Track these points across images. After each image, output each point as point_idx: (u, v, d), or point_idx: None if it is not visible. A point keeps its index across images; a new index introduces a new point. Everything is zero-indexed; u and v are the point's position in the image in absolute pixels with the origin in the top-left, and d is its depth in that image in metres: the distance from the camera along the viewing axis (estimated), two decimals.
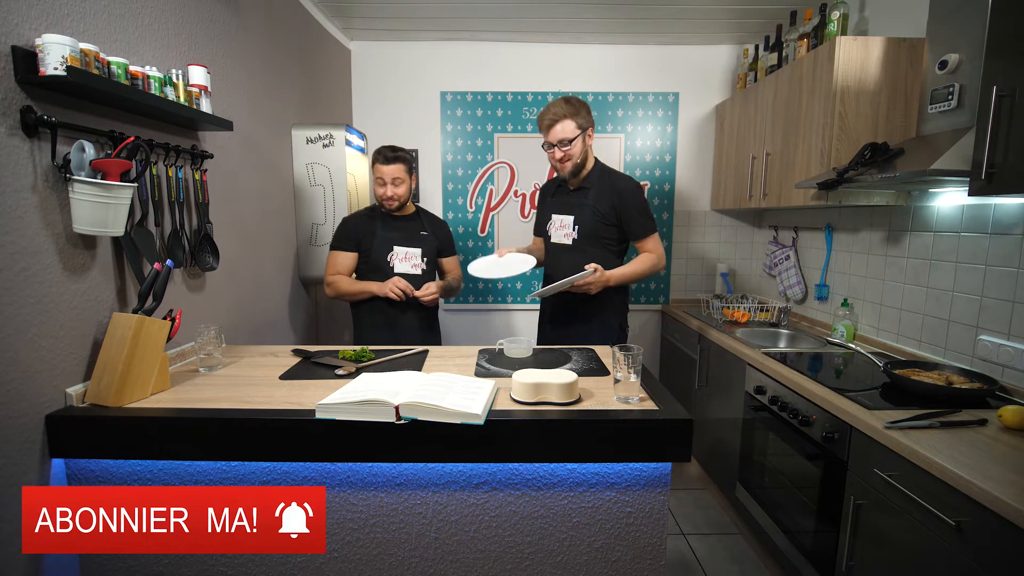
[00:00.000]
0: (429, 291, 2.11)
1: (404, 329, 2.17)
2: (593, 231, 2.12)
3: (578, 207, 2.13)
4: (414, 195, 2.36)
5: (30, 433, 1.18)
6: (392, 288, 2.06)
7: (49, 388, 1.22)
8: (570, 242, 2.15)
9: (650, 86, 3.30)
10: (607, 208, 2.09)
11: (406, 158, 2.13)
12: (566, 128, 2.03)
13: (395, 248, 2.18)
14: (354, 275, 2.21)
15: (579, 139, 2.05)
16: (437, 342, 2.31)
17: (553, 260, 2.21)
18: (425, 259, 2.21)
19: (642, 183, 3.37)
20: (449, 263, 2.35)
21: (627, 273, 2.08)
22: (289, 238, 2.49)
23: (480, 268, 2.20)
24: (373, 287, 2.10)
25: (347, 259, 2.18)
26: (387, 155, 2.10)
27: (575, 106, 2.04)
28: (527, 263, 2.14)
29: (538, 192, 2.44)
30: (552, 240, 2.20)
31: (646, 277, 2.21)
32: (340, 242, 2.20)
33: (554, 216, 2.19)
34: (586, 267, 1.95)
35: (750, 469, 2.24)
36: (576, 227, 2.13)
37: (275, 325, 2.34)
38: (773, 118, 2.57)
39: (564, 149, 2.04)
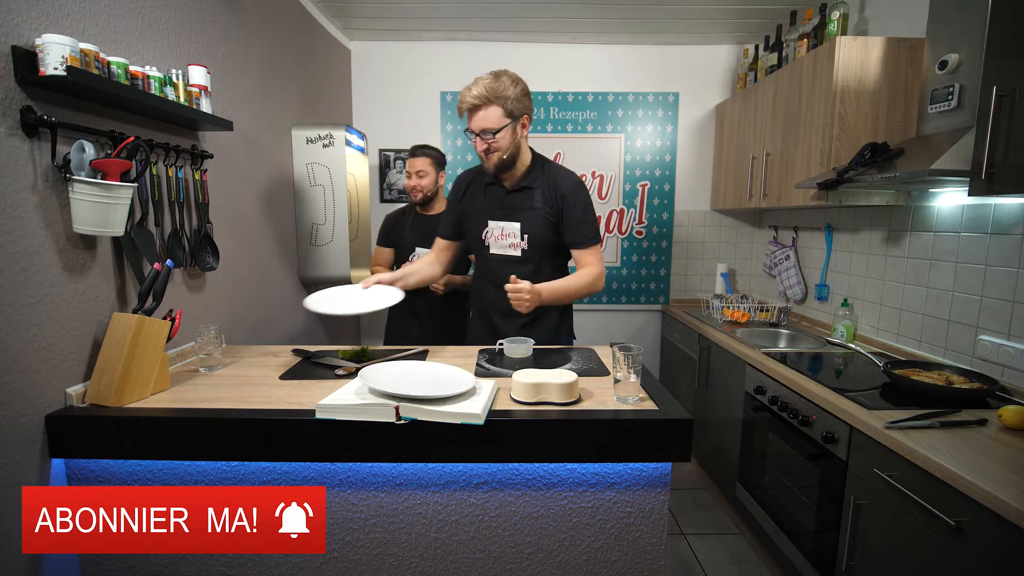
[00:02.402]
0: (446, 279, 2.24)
1: (426, 315, 2.35)
2: (544, 240, 1.76)
3: (525, 212, 1.75)
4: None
5: (30, 433, 1.18)
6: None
7: (49, 388, 1.22)
8: (519, 253, 1.77)
9: (650, 86, 3.30)
10: (554, 213, 1.74)
11: (432, 153, 2.32)
12: (489, 116, 1.61)
13: (417, 249, 2.36)
14: (394, 267, 2.45)
15: (507, 130, 1.64)
16: (462, 323, 2.24)
17: (496, 274, 1.79)
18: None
19: (642, 183, 3.38)
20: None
21: (560, 288, 1.70)
22: (289, 238, 2.49)
23: (321, 301, 1.68)
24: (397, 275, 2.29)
25: (387, 253, 2.46)
26: (414, 150, 2.33)
27: (504, 84, 1.61)
28: (389, 298, 1.70)
29: (454, 185, 1.92)
30: (492, 251, 1.81)
31: (580, 297, 1.78)
32: (380, 238, 2.48)
33: (492, 223, 1.79)
34: (508, 286, 1.61)
35: (750, 469, 2.24)
36: (525, 236, 1.75)
37: (275, 325, 2.34)
38: (773, 118, 2.57)
39: (488, 140, 1.64)
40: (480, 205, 1.82)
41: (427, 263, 1.91)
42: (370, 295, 1.71)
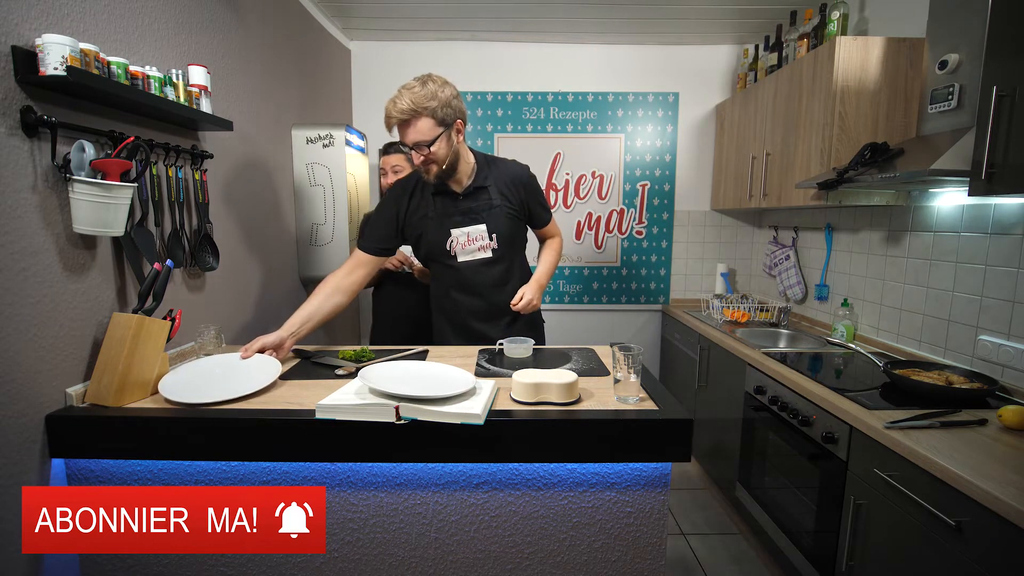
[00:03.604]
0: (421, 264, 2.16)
1: (413, 313, 2.28)
2: (511, 235, 1.77)
3: (486, 212, 1.73)
4: None
5: (30, 433, 1.18)
6: (392, 260, 2.20)
7: (49, 388, 1.22)
8: (490, 254, 1.76)
9: (650, 86, 3.30)
10: (517, 204, 1.76)
11: (405, 150, 2.23)
12: (420, 128, 1.55)
13: (403, 249, 2.28)
14: None
15: (442, 139, 1.58)
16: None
17: (469, 281, 1.78)
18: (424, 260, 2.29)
19: (642, 183, 3.38)
20: None
21: (548, 270, 1.84)
22: (289, 238, 2.49)
23: (175, 387, 1.31)
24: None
25: None
26: (388, 147, 2.28)
27: (431, 92, 1.53)
28: (268, 372, 1.42)
29: (389, 192, 1.85)
30: (461, 259, 1.76)
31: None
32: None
33: (455, 232, 1.73)
34: (516, 307, 1.70)
35: (750, 469, 2.24)
36: (493, 236, 1.74)
37: (275, 325, 2.32)
38: (773, 118, 2.57)
39: (423, 152, 1.59)
40: (434, 216, 1.74)
41: (328, 293, 1.70)
42: (244, 370, 1.43)
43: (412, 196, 1.78)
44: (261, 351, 1.53)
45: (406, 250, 2.21)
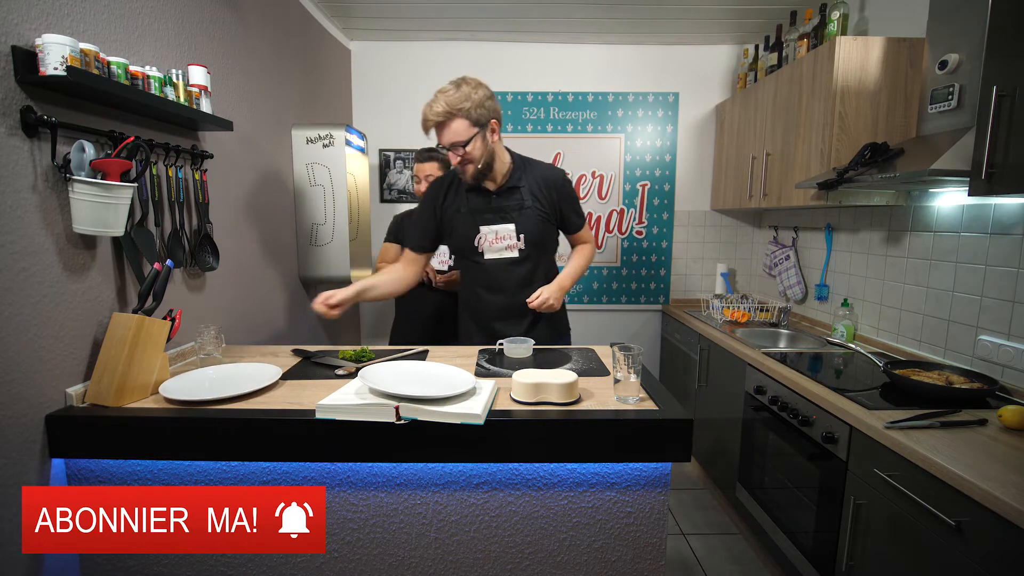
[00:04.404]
0: (448, 276, 2.28)
1: (435, 312, 2.36)
2: (540, 237, 1.78)
3: (517, 211, 1.75)
4: None
5: (30, 433, 1.18)
6: None
7: (49, 388, 1.22)
8: (516, 254, 1.78)
9: (650, 86, 3.30)
10: (548, 206, 1.78)
11: (440, 157, 2.29)
12: (456, 129, 1.60)
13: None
14: None
15: (477, 139, 1.63)
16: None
17: (495, 279, 1.80)
18: (453, 256, 2.35)
19: (642, 183, 3.38)
20: None
21: (575, 273, 1.83)
22: (289, 238, 2.49)
23: (177, 386, 1.34)
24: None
25: (395, 250, 2.40)
26: (422, 154, 2.31)
27: (465, 94, 1.60)
28: (263, 376, 1.41)
29: (427, 192, 1.90)
30: (487, 257, 1.79)
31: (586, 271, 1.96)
32: (389, 235, 2.46)
33: (484, 229, 1.76)
34: (532, 304, 1.69)
35: (750, 469, 2.24)
36: (521, 236, 1.76)
37: (275, 325, 2.34)
38: (773, 118, 2.57)
39: (460, 153, 1.63)
40: (466, 211, 1.78)
41: (391, 280, 1.81)
42: (245, 371, 1.48)
43: (448, 192, 1.83)
44: (340, 304, 1.61)
45: (433, 262, 2.30)
